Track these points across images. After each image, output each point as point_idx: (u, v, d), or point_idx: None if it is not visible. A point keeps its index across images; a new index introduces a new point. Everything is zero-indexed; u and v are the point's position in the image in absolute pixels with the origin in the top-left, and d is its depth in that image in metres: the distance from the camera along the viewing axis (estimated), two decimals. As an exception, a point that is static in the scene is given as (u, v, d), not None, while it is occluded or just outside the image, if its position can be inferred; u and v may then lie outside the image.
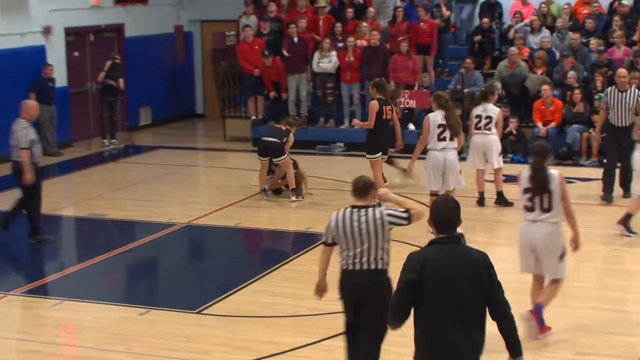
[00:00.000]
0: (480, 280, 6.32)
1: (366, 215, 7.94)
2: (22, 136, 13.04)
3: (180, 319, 10.47)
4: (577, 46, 20.04)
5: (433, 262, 6.32)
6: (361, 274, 7.96)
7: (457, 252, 6.39)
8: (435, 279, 6.25)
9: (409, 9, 21.69)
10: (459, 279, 6.25)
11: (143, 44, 23.75)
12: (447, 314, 6.24)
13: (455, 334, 6.23)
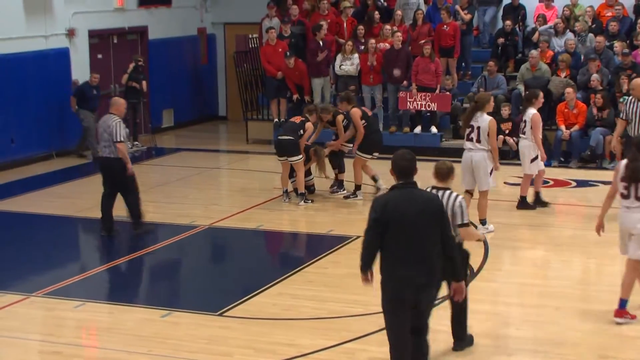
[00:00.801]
0: (434, 217, 7.66)
1: (444, 197, 8.82)
2: (118, 130, 13.43)
3: (202, 321, 10.48)
4: (601, 49, 19.95)
5: (393, 203, 7.66)
6: None
7: (413, 194, 7.74)
8: (396, 217, 7.56)
9: (432, 11, 21.66)
10: (416, 216, 7.59)
11: (166, 47, 23.81)
12: (406, 246, 7.56)
13: (414, 264, 7.56)
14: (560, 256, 12.86)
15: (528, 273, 12.33)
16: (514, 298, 11.10)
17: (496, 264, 12.49)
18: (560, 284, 11.46)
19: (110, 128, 13.49)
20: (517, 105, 19.92)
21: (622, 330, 9.99)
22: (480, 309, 10.67)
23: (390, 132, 20.02)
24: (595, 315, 10.50)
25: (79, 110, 19.97)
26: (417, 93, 19.75)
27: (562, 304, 10.82)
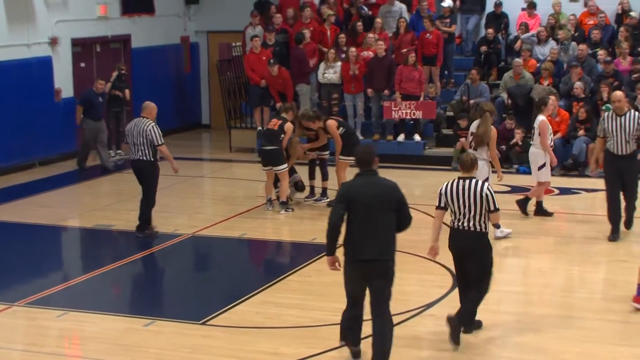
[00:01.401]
0: (390, 200, 8.93)
1: (470, 185, 9.71)
2: (155, 134, 14.11)
3: (185, 330, 10.45)
4: (584, 57, 20.04)
5: (355, 187, 9.06)
6: (465, 233, 9.73)
7: (372, 180, 9.06)
8: (356, 198, 8.91)
9: (415, 19, 21.71)
10: (373, 198, 8.89)
11: (149, 55, 23.80)
12: (364, 225, 8.87)
13: (371, 239, 8.87)
14: (544, 264, 12.88)
15: (511, 280, 12.35)
16: (497, 305, 11.10)
17: (479, 271, 12.49)
18: (543, 291, 11.48)
19: (147, 132, 14.05)
20: (500, 114, 19.99)
21: (604, 338, 10.01)
22: (464, 316, 10.70)
23: (374, 140, 20.05)
24: (576, 322, 10.53)
25: (84, 120, 19.78)
26: (402, 102, 19.78)
27: (546, 311, 10.83)
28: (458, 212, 9.77)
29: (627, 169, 13.48)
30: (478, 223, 9.71)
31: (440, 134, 20.69)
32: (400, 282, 11.91)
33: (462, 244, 9.82)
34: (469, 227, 9.74)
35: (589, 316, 10.71)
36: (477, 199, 9.67)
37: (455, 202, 9.76)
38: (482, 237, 9.80)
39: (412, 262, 12.87)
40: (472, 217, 9.71)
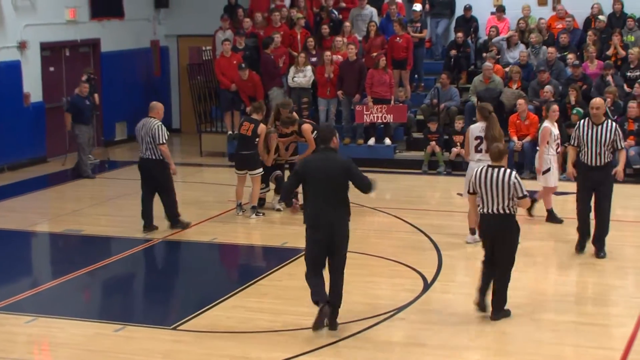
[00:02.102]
0: (343, 174, 10.08)
1: (498, 173, 10.37)
2: (160, 133, 14.42)
3: (156, 335, 10.41)
4: (552, 60, 20.16)
5: (312, 162, 10.47)
6: (495, 217, 10.40)
7: (328, 156, 10.26)
8: (313, 172, 10.20)
9: (385, 23, 21.76)
10: (328, 172, 10.08)
11: (119, 59, 23.71)
12: (319, 195, 10.12)
13: (325, 207, 10.06)
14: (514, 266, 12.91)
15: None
16: (467, 308, 11.14)
17: (450, 275, 12.56)
18: (514, 294, 11.51)
19: (152, 131, 14.38)
20: (471, 117, 20.06)
21: (578, 341, 10.06)
22: (434, 319, 10.73)
23: (345, 144, 20.06)
24: (547, 324, 10.58)
25: (74, 126, 19.53)
26: (373, 106, 19.82)
27: (516, 314, 10.87)
28: (487, 198, 10.44)
29: (601, 181, 12.61)
30: (507, 207, 10.37)
31: (411, 137, 20.75)
32: (370, 286, 12.02)
33: (493, 228, 10.49)
34: (497, 211, 10.39)
35: (560, 318, 10.76)
36: (504, 187, 10.32)
37: (483, 189, 10.46)
38: (511, 219, 10.46)
39: (382, 266, 12.90)
40: (500, 202, 10.36)
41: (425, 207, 16.68)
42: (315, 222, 10.18)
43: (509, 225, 10.49)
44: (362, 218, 15.91)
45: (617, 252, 13.30)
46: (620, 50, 20.23)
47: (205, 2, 24.51)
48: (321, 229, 10.11)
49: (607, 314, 10.97)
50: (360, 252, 13.40)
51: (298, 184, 10.61)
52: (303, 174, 10.35)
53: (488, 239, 10.65)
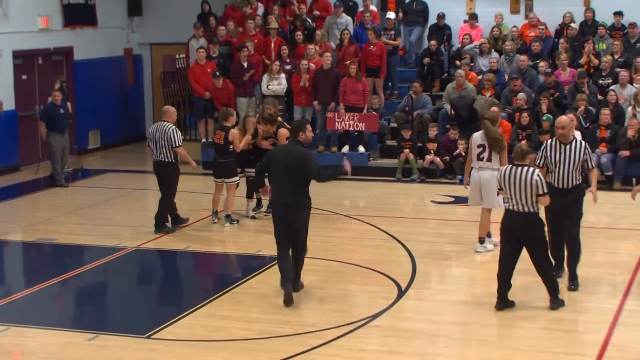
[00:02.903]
0: (301, 163, 11.40)
1: (522, 172, 10.91)
2: (174, 136, 15.00)
3: (129, 344, 10.37)
4: (525, 68, 20.26)
5: (277, 152, 12.08)
6: (519, 215, 10.94)
7: (292, 147, 11.69)
8: (276, 159, 11.68)
9: (359, 31, 21.80)
10: (287, 160, 11.52)
11: (92, 67, 23.62)
12: (280, 179, 11.60)
13: (284, 191, 11.50)
14: (487, 274, 12.95)
15: (455, 291, 12.42)
16: (441, 316, 11.17)
17: (424, 282, 12.57)
18: (487, 300, 11.56)
19: (168, 134, 14.93)
20: (444, 125, 20.14)
21: (552, 348, 10.09)
22: (408, 327, 10.75)
23: (318, 151, 20.08)
24: (520, 332, 10.62)
25: (49, 134, 19.36)
26: (345, 113, 19.86)
27: (489, 321, 10.92)
28: (512, 195, 10.96)
29: (571, 204, 11.77)
30: (531, 205, 10.88)
31: (385, 145, 20.79)
32: (345, 294, 12.03)
33: (518, 225, 10.99)
34: (522, 208, 10.90)
35: (534, 325, 10.81)
36: (527, 185, 10.83)
37: (508, 187, 10.98)
38: (535, 216, 10.97)
39: (356, 274, 12.90)
40: (524, 200, 10.87)
41: (399, 215, 16.70)
42: (276, 203, 11.68)
43: (533, 222, 11.00)
44: (336, 226, 15.94)
45: (589, 258, 13.36)
46: (594, 59, 20.36)
47: (179, 10, 24.46)
48: (281, 209, 11.57)
49: (579, 321, 11.02)
50: (334, 260, 13.43)
51: (267, 166, 11.89)
52: (270, 160, 11.83)
53: (512, 235, 11.07)
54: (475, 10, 22.94)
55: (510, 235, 11.09)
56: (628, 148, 18.17)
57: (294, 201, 11.52)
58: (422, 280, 12.56)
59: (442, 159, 19.37)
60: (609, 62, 19.99)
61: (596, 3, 22.14)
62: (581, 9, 22.04)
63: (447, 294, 12.13)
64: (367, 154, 20.37)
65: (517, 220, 11.01)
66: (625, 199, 15.29)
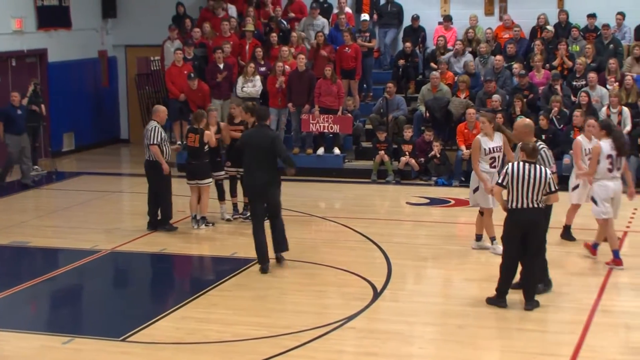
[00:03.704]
0: (271, 144, 12.77)
1: (535, 169, 11.05)
2: (153, 134, 15.17)
3: (104, 347, 10.34)
4: (500, 69, 20.34)
5: (249, 135, 13.30)
6: (530, 211, 11.05)
7: (262, 130, 13.06)
8: (249, 142, 13.01)
9: (334, 33, 21.82)
10: (259, 142, 12.81)
11: (66, 69, 23.52)
12: (253, 160, 12.86)
13: (257, 170, 12.80)
14: (462, 275, 13.01)
15: (430, 292, 12.45)
16: (417, 317, 11.20)
17: (399, 283, 12.59)
18: (461, 302, 11.60)
19: (147, 132, 15.24)
20: (419, 127, 20.19)
21: (526, 348, 10.14)
22: (384, 328, 10.76)
23: (294, 153, 20.09)
24: (495, 332, 10.66)
25: (6, 136, 19.30)
26: (320, 115, 19.87)
27: (464, 322, 10.95)
28: (521, 192, 11.04)
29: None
30: (539, 202, 11.05)
31: (360, 147, 20.81)
32: (320, 296, 12.04)
33: (527, 221, 11.07)
34: (531, 205, 11.02)
35: (509, 326, 10.85)
36: (540, 182, 10.99)
37: (519, 184, 11.02)
38: (542, 211, 11.18)
39: (332, 275, 12.91)
40: (534, 196, 11.00)
41: (375, 216, 16.71)
42: (249, 182, 13.11)
43: (541, 217, 11.22)
44: (311, 227, 15.94)
45: (563, 259, 13.45)
46: (567, 61, 20.46)
47: (154, 12, 24.40)
48: (255, 187, 12.93)
49: (554, 321, 11.06)
50: (309, 262, 13.43)
51: (242, 152, 13.21)
52: (243, 144, 13.19)
53: (519, 233, 11.13)
54: (449, 12, 23.02)
55: (518, 233, 11.13)
56: (602, 149, 18.22)
57: (268, 179, 12.81)
58: (397, 282, 12.58)
59: (417, 160, 19.42)
60: (582, 64, 20.09)
61: (570, 5, 22.26)
62: (555, 11, 22.17)
63: (422, 295, 12.16)
64: (342, 155, 20.38)
65: (527, 216, 11.08)
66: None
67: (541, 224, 11.30)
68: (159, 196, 15.53)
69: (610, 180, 13.09)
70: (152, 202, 15.64)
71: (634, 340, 10.46)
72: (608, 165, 13.02)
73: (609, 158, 13.03)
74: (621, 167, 13.16)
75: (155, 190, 15.53)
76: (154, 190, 15.55)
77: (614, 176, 13.13)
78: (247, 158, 12.97)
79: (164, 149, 15.32)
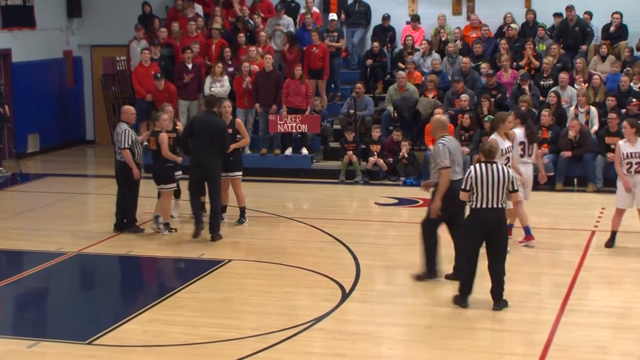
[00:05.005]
0: (221, 132, 14.47)
1: (497, 169, 11.04)
2: (123, 138, 15.06)
3: (70, 351, 10.23)
4: (467, 70, 20.36)
5: (198, 119, 15.01)
6: (492, 212, 11.02)
7: (209, 116, 14.64)
8: (197, 128, 14.58)
9: (301, 32, 21.77)
10: (208, 127, 14.41)
11: (31, 69, 23.32)
12: (200, 143, 14.46)
13: (204, 152, 14.43)
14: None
15: (399, 293, 12.41)
16: (386, 318, 11.16)
17: (368, 284, 12.55)
18: (431, 302, 11.57)
19: (118, 136, 15.14)
20: (387, 127, 20.17)
21: (494, 348, 10.12)
22: (353, 329, 10.72)
23: (261, 154, 20.02)
24: (464, 332, 10.64)
25: None
26: (287, 115, 19.80)
27: (433, 322, 10.92)
28: (485, 193, 10.99)
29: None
30: (502, 202, 11.06)
31: (328, 147, 20.77)
32: (289, 297, 11.98)
33: (491, 222, 11.05)
34: (495, 205, 11.00)
35: (478, 326, 10.83)
36: (502, 181, 10.99)
37: (483, 185, 10.98)
38: (504, 212, 11.26)
39: (300, 277, 12.86)
40: (497, 196, 11.00)
41: (343, 217, 16.68)
42: (195, 162, 14.58)
43: (504, 217, 11.29)
44: (279, 228, 15.88)
45: (531, 258, 13.47)
46: (534, 60, 20.52)
47: (119, 12, 24.25)
48: (200, 166, 14.51)
49: (523, 321, 11.05)
50: (277, 263, 13.36)
51: (190, 134, 14.64)
52: (191, 129, 14.63)
53: (483, 233, 11.10)
54: (417, 12, 23.01)
55: (482, 233, 11.11)
56: (569, 149, 18.33)
57: (212, 161, 14.45)
58: (366, 282, 12.54)
59: (385, 160, 19.40)
60: (550, 64, 20.15)
61: (537, 4, 22.32)
62: (522, 10, 22.21)
63: (391, 296, 12.12)
64: (310, 156, 20.33)
65: (491, 216, 11.06)
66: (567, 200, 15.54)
67: (505, 223, 11.34)
68: (124, 197, 15.40)
69: (523, 165, 13.85)
70: (120, 203, 15.52)
71: (602, 339, 10.47)
72: (520, 151, 13.90)
73: (521, 144, 13.89)
74: (532, 154, 14.02)
75: (122, 189, 15.42)
76: (122, 191, 15.44)
77: (525, 162, 13.97)
78: (198, 139, 14.47)
79: (135, 151, 15.18)
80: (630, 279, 12.81)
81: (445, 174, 11.84)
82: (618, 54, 20.77)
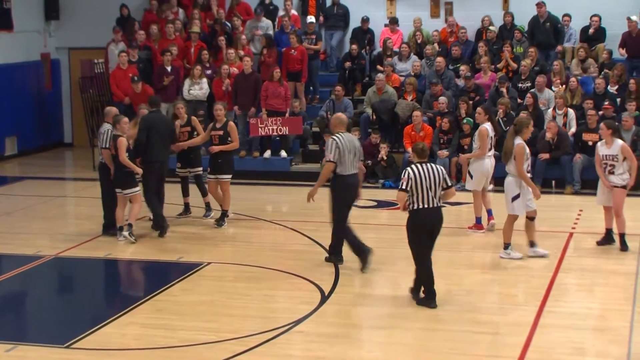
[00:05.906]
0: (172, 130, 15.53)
1: (427, 168, 11.25)
2: (103, 138, 15.04)
3: (48, 354, 10.20)
4: (441, 70, 20.39)
5: (150, 119, 15.20)
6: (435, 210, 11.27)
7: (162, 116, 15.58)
8: (153, 126, 15.04)
9: (279, 35, 21.78)
10: (162, 127, 15.17)
11: (8, 72, 23.24)
12: (161, 141, 15.16)
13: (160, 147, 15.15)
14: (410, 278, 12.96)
15: (378, 295, 12.43)
16: (364, 320, 11.17)
17: (347, 286, 12.55)
18: (409, 305, 11.59)
19: (100, 135, 15.19)
20: (366, 129, 20.18)
21: (472, 351, 10.15)
22: (332, 332, 10.72)
23: (240, 156, 19.99)
24: (442, 335, 10.66)
25: None
26: (268, 118, 19.79)
27: (412, 325, 10.94)
28: (426, 192, 11.18)
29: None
30: (439, 199, 11.32)
31: (307, 150, 20.77)
32: (268, 300, 11.97)
33: (434, 218, 11.31)
34: (436, 204, 11.25)
35: (456, 328, 10.85)
36: (438, 179, 11.23)
37: (423, 185, 11.17)
38: (442, 211, 11.42)
39: (279, 279, 12.85)
40: (436, 195, 11.24)
41: (322, 219, 16.62)
42: (153, 158, 15.03)
43: (442, 216, 11.45)
44: (258, 231, 15.86)
45: (508, 261, 13.51)
46: (512, 63, 20.60)
47: (97, 14, 24.20)
48: (157, 163, 15.06)
49: (500, 323, 11.09)
50: (256, 266, 13.35)
51: (146, 135, 14.95)
52: (148, 127, 15.01)
53: (427, 232, 11.34)
54: (395, 15, 23.05)
55: (427, 233, 11.33)
56: (547, 151, 18.41)
57: (165, 155, 15.38)
58: (345, 285, 12.55)
59: (364, 163, 19.38)
60: (527, 66, 20.23)
61: (515, 7, 22.40)
62: (500, 13, 22.29)
63: (370, 298, 12.13)
64: (289, 158, 20.33)
65: (434, 215, 11.31)
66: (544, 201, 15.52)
67: (442, 222, 11.49)
68: (104, 199, 15.33)
69: (488, 158, 14.86)
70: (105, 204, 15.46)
71: (580, 340, 10.51)
72: (489, 145, 14.81)
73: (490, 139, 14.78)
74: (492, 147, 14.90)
75: (103, 192, 15.36)
76: (103, 192, 15.39)
77: (489, 155, 14.91)
78: (151, 138, 14.99)
79: None
80: (608, 280, 12.88)
81: (327, 167, 13.18)
82: (596, 57, 20.87)
